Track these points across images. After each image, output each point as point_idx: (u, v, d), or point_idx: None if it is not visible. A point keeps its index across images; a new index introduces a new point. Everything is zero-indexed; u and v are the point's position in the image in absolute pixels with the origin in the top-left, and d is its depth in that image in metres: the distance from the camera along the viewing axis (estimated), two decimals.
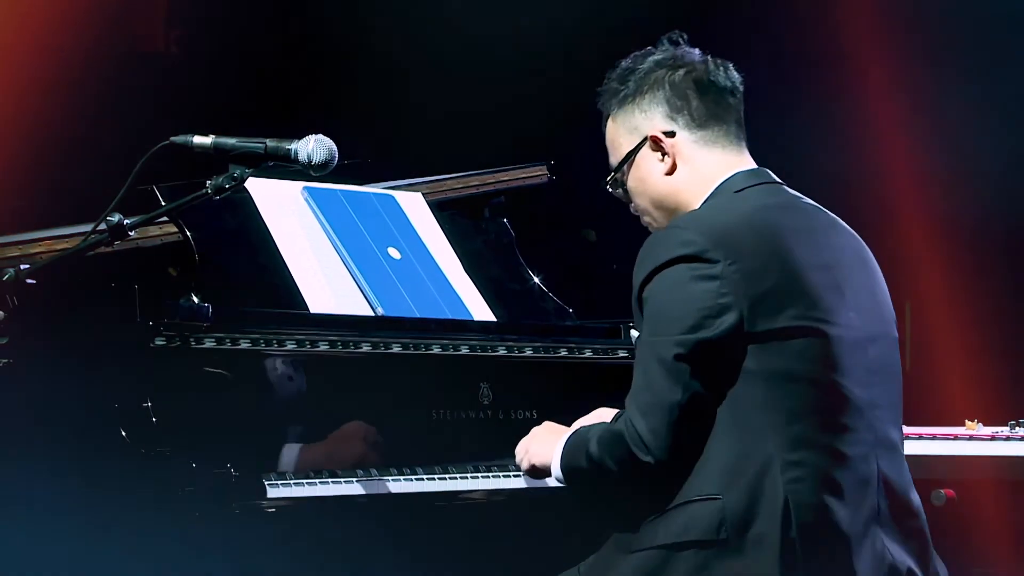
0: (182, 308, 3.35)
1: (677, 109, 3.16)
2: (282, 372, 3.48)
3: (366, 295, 3.74)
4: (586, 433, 3.10)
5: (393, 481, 3.42)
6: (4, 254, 3.73)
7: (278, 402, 3.47)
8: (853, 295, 3.08)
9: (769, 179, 3.18)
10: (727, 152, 3.17)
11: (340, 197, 3.88)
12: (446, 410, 3.69)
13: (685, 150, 3.16)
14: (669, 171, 3.16)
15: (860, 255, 3.18)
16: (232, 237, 3.68)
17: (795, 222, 3.09)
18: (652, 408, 2.96)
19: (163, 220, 3.60)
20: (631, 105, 3.19)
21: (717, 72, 3.18)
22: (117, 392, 3.22)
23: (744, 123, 3.20)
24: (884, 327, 3.15)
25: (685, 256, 2.98)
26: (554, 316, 4.17)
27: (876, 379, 3.07)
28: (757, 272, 2.98)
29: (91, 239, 3.34)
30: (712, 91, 3.17)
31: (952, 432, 4.07)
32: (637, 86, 3.19)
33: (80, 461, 3.25)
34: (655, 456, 2.96)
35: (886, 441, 3.06)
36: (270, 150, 3.31)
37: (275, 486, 3.25)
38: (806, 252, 3.04)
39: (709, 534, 2.93)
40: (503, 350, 3.84)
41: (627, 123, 3.20)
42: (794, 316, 2.97)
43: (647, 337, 3.01)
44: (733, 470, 2.94)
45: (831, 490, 2.95)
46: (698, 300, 2.96)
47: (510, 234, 4.27)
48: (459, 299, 3.90)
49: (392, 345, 3.64)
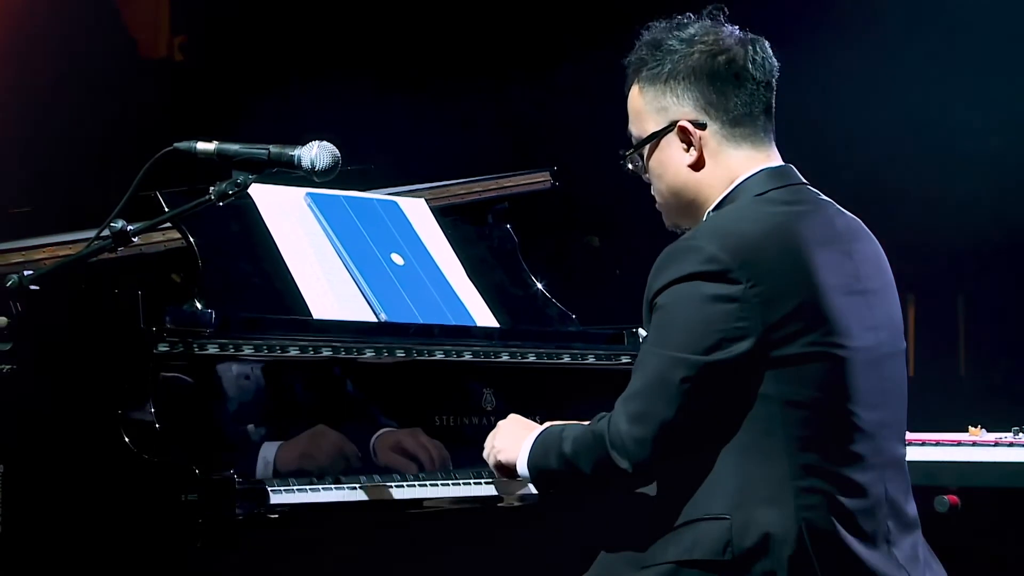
0: (185, 314, 3.35)
1: (711, 102, 3.04)
2: (285, 378, 3.48)
3: (369, 301, 3.74)
4: (559, 431, 3.06)
5: (396, 487, 3.42)
6: (7, 260, 3.73)
7: (281, 408, 3.47)
8: (872, 313, 3.03)
9: (793, 180, 3.09)
10: (755, 148, 3.07)
11: (343, 203, 3.88)
12: (449, 416, 3.69)
13: (714, 144, 3.06)
14: (694, 164, 3.07)
15: (879, 265, 3.12)
16: (235, 243, 3.68)
17: (819, 232, 3.01)
18: (643, 418, 2.92)
19: (166, 226, 3.60)
20: (663, 85, 3.06)
21: (756, 59, 3.06)
22: (120, 398, 3.22)
23: (773, 113, 3.09)
24: (897, 342, 3.10)
25: (708, 273, 2.91)
26: (557, 322, 4.16)
27: (886, 398, 3.03)
28: (778, 295, 2.91)
29: (94, 245, 3.34)
30: (749, 84, 3.05)
31: (956, 438, 4.06)
32: (673, 67, 3.05)
33: (83, 467, 3.25)
34: (633, 464, 2.92)
35: (893, 460, 3.04)
36: (273, 156, 3.31)
37: (278, 492, 3.25)
38: (829, 271, 2.97)
39: (715, 554, 2.90)
40: (506, 356, 3.84)
41: (656, 102, 3.08)
42: (810, 342, 2.92)
43: (653, 346, 2.96)
44: (743, 492, 2.90)
45: (842, 516, 2.92)
46: (714, 322, 2.90)
47: (513, 240, 4.26)
48: (462, 305, 3.90)
49: (395, 351, 3.64)
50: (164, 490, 3.14)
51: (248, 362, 3.41)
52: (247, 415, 3.40)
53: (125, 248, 3.36)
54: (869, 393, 2.99)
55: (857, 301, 3.01)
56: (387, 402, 3.63)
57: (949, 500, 3.92)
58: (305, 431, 3.46)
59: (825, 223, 3.06)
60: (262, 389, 3.43)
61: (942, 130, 6.25)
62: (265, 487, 3.24)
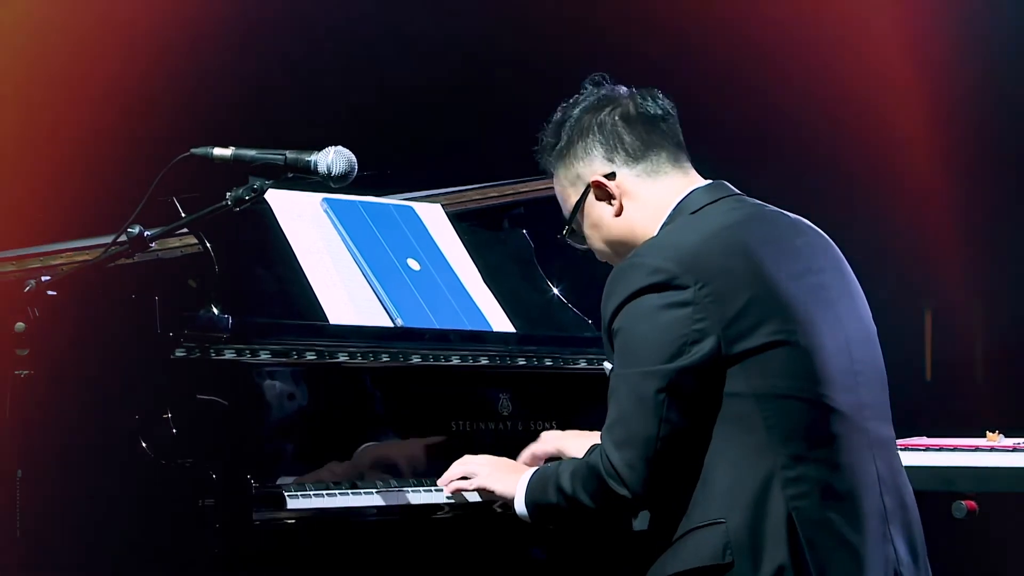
0: (202, 319, 3.36)
1: (611, 149, 3.17)
2: (301, 383, 3.48)
3: (385, 306, 3.74)
4: (553, 469, 3.11)
5: (413, 492, 3.42)
6: (25, 266, 3.74)
7: (297, 413, 3.47)
8: (828, 298, 3.06)
9: (727, 192, 3.17)
10: (672, 177, 3.16)
11: (359, 208, 3.88)
12: (465, 421, 3.69)
13: (629, 186, 3.16)
14: (618, 212, 3.17)
15: (830, 255, 3.16)
16: (252, 248, 3.69)
17: (761, 233, 3.06)
18: (627, 442, 2.95)
19: (183, 231, 3.61)
20: (569, 156, 3.21)
21: (644, 103, 3.19)
22: (137, 403, 3.23)
23: (684, 144, 3.20)
24: (863, 325, 3.14)
25: (654, 285, 2.96)
26: (574, 327, 4.16)
27: (861, 380, 3.06)
28: (729, 292, 2.96)
29: (112, 250, 3.35)
30: (641, 122, 3.17)
31: (973, 443, 4.05)
32: (570, 136, 3.20)
33: (100, 472, 3.25)
34: (632, 490, 2.95)
35: (879, 440, 3.06)
36: (290, 161, 3.32)
37: (295, 497, 3.25)
38: (777, 263, 3.02)
39: (716, 559, 2.92)
40: (522, 361, 3.84)
41: (569, 174, 3.21)
42: (771, 332, 2.95)
43: (620, 370, 3.00)
44: (733, 492, 2.92)
45: (834, 501, 2.95)
46: (672, 329, 2.94)
47: (530, 245, 4.27)
48: (478, 310, 3.90)
49: (411, 356, 3.64)
50: (181, 495, 3.14)
51: (265, 367, 3.41)
52: (264, 420, 3.40)
53: (142, 253, 3.36)
54: (841, 376, 3.01)
55: (812, 287, 3.05)
56: (403, 407, 3.63)
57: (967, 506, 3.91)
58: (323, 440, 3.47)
59: (765, 223, 3.11)
60: (278, 394, 3.44)
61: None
62: (282, 492, 3.24)
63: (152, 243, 3.34)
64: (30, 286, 3.28)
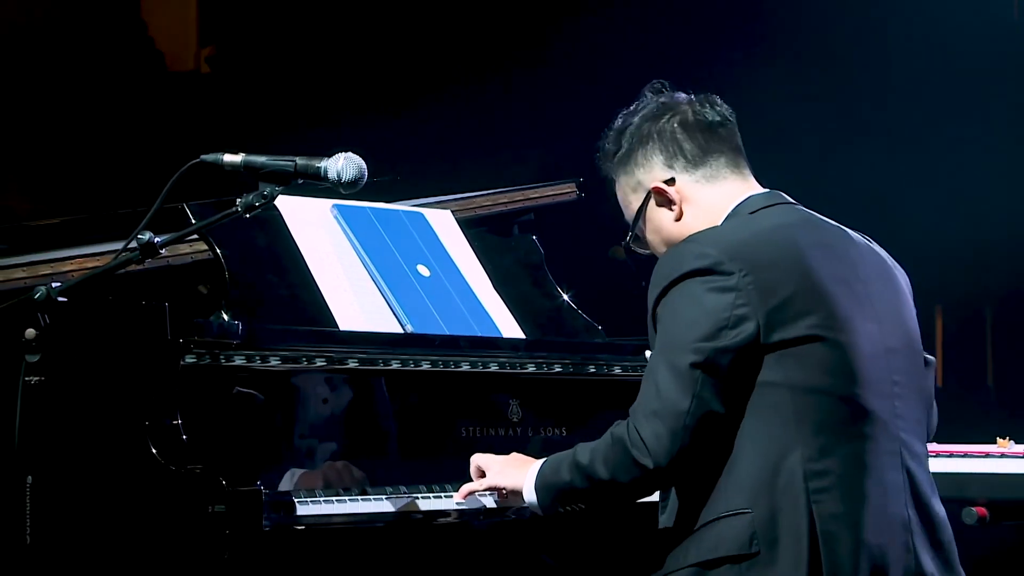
0: (212, 325, 3.36)
1: (671, 155, 3.20)
2: (312, 389, 3.49)
3: (395, 312, 3.74)
4: (568, 452, 3.11)
5: (423, 499, 3.42)
6: (35, 272, 3.74)
7: (307, 419, 3.47)
8: (872, 307, 3.08)
9: (783, 200, 3.21)
10: (731, 182, 3.20)
11: (369, 214, 3.89)
12: (475, 427, 3.69)
13: (688, 192, 3.20)
14: (678, 216, 3.21)
15: (882, 269, 3.18)
16: (262, 255, 3.69)
17: (813, 237, 3.10)
18: (658, 413, 2.96)
19: (193, 238, 3.61)
20: (630, 163, 3.25)
21: (703, 109, 3.23)
22: (147, 409, 3.23)
23: (743, 150, 3.24)
24: (906, 340, 3.14)
25: (699, 269, 3.00)
26: (583, 333, 4.16)
27: (898, 391, 3.06)
28: (773, 283, 2.99)
29: (122, 257, 3.35)
30: (700, 128, 3.21)
31: (984, 449, 4.04)
32: (630, 143, 3.24)
33: (110, 478, 3.25)
34: (656, 461, 2.95)
35: (911, 452, 3.06)
36: (300, 168, 3.32)
37: (304, 503, 3.26)
38: (824, 264, 3.05)
39: (742, 548, 2.92)
40: (532, 367, 3.84)
41: (630, 182, 3.26)
42: (811, 326, 2.98)
43: (659, 352, 3.02)
44: (760, 483, 2.94)
45: (856, 500, 2.95)
46: (714, 312, 2.97)
47: (539, 251, 4.27)
48: (488, 316, 3.90)
49: (421, 362, 3.64)
50: (191, 501, 3.14)
51: (275, 373, 3.41)
52: (274, 426, 3.41)
53: (152, 260, 3.37)
54: (877, 382, 3.02)
55: (856, 292, 3.07)
56: (413, 413, 3.63)
57: (977, 512, 3.91)
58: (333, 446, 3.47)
59: (818, 231, 3.14)
60: (288, 400, 3.44)
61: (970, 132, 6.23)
62: (292, 498, 3.25)
63: (163, 249, 3.34)
64: (40, 293, 3.28)
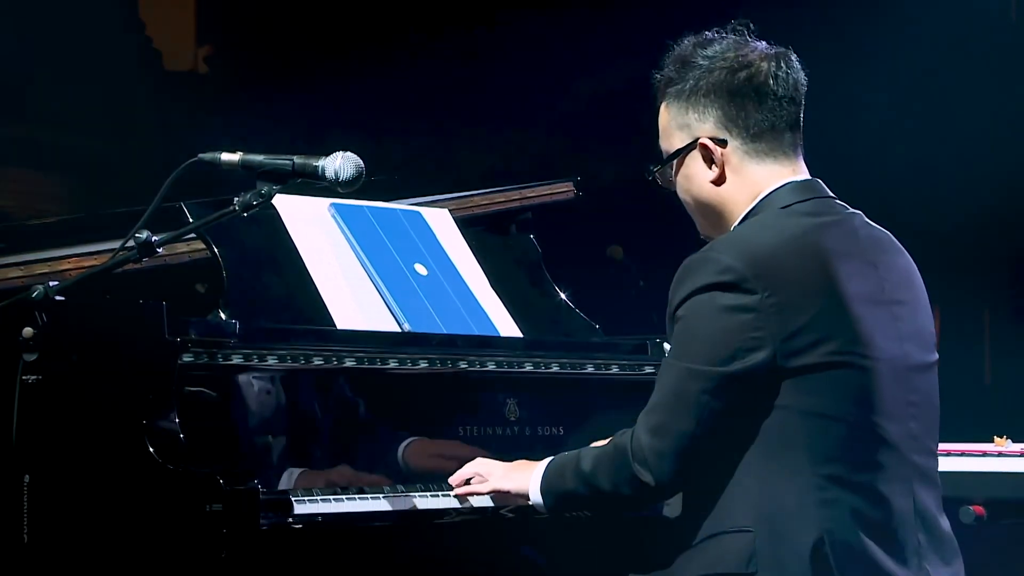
0: (210, 324, 3.36)
1: (731, 119, 3.05)
2: (309, 388, 3.49)
3: (393, 311, 3.74)
4: (575, 453, 3.08)
5: (420, 497, 3.42)
6: (33, 271, 3.74)
7: (305, 418, 3.47)
8: (896, 325, 3.01)
9: (819, 193, 3.09)
10: (779, 163, 3.07)
11: (367, 213, 3.88)
12: (473, 426, 3.69)
13: (735, 160, 3.06)
14: (716, 180, 3.08)
15: (908, 278, 3.10)
16: (259, 254, 3.69)
17: (843, 245, 3.00)
18: (662, 431, 2.93)
19: (191, 237, 3.61)
20: (685, 102, 3.08)
21: (779, 74, 3.05)
22: (144, 408, 3.23)
23: (801, 124, 3.09)
24: (927, 354, 3.08)
25: (723, 284, 2.91)
26: (581, 332, 4.16)
27: (915, 410, 3.01)
28: (795, 304, 2.90)
29: (120, 256, 3.35)
30: (770, 99, 3.05)
31: (981, 448, 4.05)
32: (695, 83, 3.07)
33: (108, 477, 3.25)
34: (656, 479, 2.93)
35: (922, 474, 3.01)
36: (297, 167, 3.32)
37: (302, 502, 3.25)
38: (852, 281, 2.96)
39: (739, 567, 2.89)
40: (530, 366, 3.83)
41: (679, 118, 3.10)
42: (831, 351, 2.91)
43: (673, 359, 2.97)
44: (766, 505, 2.89)
45: (868, 529, 2.91)
46: (730, 332, 2.90)
47: (537, 250, 4.26)
48: (486, 315, 3.90)
49: (419, 361, 3.64)
50: (188, 500, 3.14)
51: (272, 372, 3.41)
52: (271, 425, 3.41)
53: (150, 259, 3.37)
54: (895, 405, 2.97)
55: (882, 311, 2.99)
56: (411, 412, 3.63)
57: (975, 511, 3.91)
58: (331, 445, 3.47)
59: (849, 235, 3.04)
60: (286, 399, 3.44)
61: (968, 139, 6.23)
62: (289, 497, 3.24)
63: (160, 248, 3.34)
64: (38, 292, 3.28)
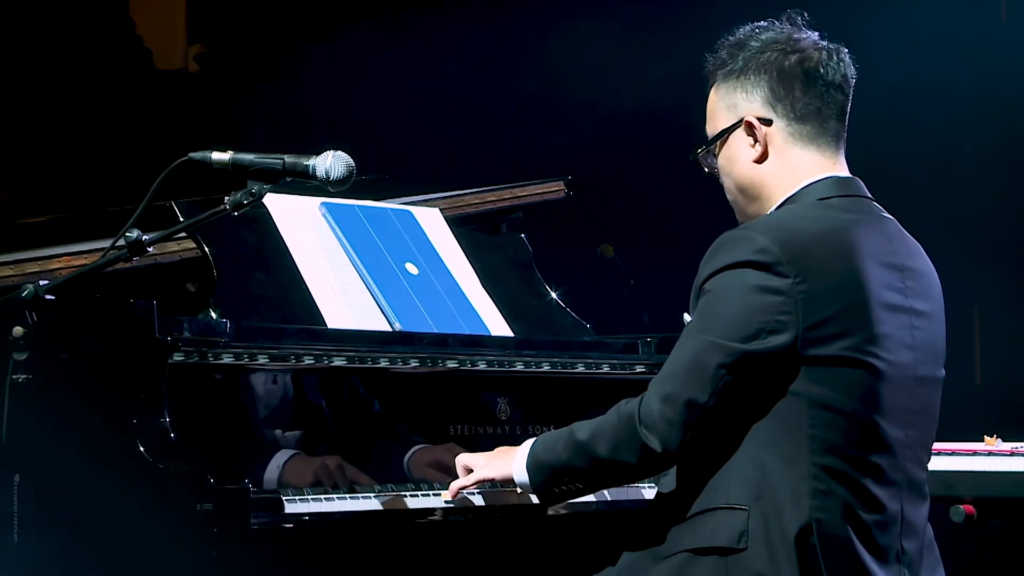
0: (200, 324, 3.36)
1: (779, 98, 3.08)
2: (300, 387, 3.48)
3: (383, 310, 3.74)
4: (566, 429, 3.08)
5: (411, 496, 3.42)
6: (23, 270, 3.74)
7: (295, 417, 3.47)
8: (912, 334, 3.03)
9: (857, 192, 3.11)
10: (822, 152, 3.09)
11: (358, 212, 3.88)
12: (463, 426, 3.69)
13: (779, 141, 3.08)
14: (758, 159, 3.09)
15: (930, 290, 3.12)
16: (250, 253, 3.69)
17: (875, 247, 3.02)
18: (674, 399, 2.93)
19: (181, 236, 3.61)
20: (735, 81, 3.11)
21: (829, 63, 3.08)
22: (135, 407, 3.23)
23: (847, 119, 3.10)
24: (935, 369, 3.11)
25: (756, 263, 2.93)
26: (572, 331, 4.16)
27: (916, 419, 3.03)
28: (822, 296, 2.92)
29: (110, 255, 3.35)
30: (819, 84, 3.07)
31: (971, 447, 4.05)
32: (745, 64, 3.10)
33: (98, 476, 3.25)
34: (663, 446, 2.94)
35: (912, 483, 3.04)
36: (288, 166, 3.32)
37: (292, 502, 3.25)
38: (879, 283, 2.98)
39: (730, 542, 2.92)
40: (520, 365, 3.84)
41: (728, 98, 3.13)
42: (848, 347, 2.93)
43: (695, 329, 2.97)
44: (763, 485, 2.92)
45: (855, 525, 2.93)
46: (757, 311, 2.92)
47: (528, 249, 4.27)
48: (476, 314, 3.90)
49: (409, 360, 3.64)
50: (179, 500, 3.14)
51: (263, 371, 3.41)
52: (262, 424, 3.41)
53: (140, 258, 3.36)
54: (898, 411, 2.99)
55: (900, 318, 3.02)
56: (401, 411, 3.63)
57: (965, 510, 3.91)
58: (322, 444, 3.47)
59: (882, 238, 3.06)
60: (277, 398, 3.44)
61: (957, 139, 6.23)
62: (280, 497, 3.24)
63: (150, 247, 3.33)
64: (28, 291, 3.27)
